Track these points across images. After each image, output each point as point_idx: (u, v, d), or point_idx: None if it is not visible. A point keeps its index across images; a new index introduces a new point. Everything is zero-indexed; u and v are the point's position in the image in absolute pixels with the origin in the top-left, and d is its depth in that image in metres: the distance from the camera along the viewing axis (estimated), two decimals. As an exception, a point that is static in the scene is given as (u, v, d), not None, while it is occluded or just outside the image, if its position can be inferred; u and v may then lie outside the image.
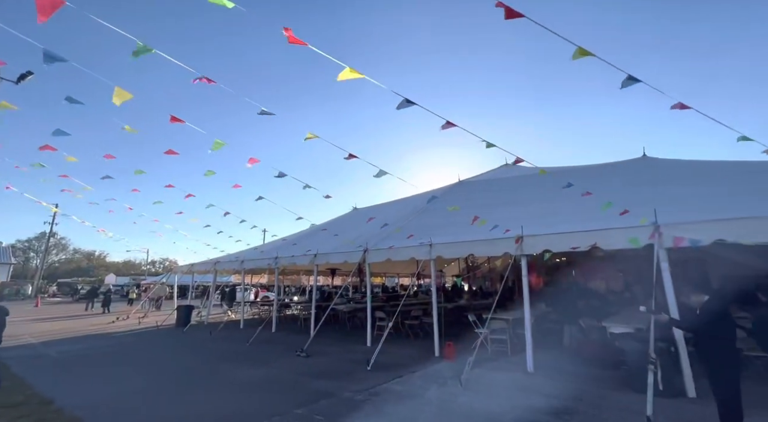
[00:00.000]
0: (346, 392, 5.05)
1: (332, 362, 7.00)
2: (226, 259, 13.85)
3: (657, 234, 5.16)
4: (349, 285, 23.50)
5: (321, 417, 4.08)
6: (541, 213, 7.72)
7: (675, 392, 4.72)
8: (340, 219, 14.91)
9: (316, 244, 10.64)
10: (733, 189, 6.47)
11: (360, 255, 9.12)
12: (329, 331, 10.91)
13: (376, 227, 9.88)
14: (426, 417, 4.12)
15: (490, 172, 13.86)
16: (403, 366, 6.58)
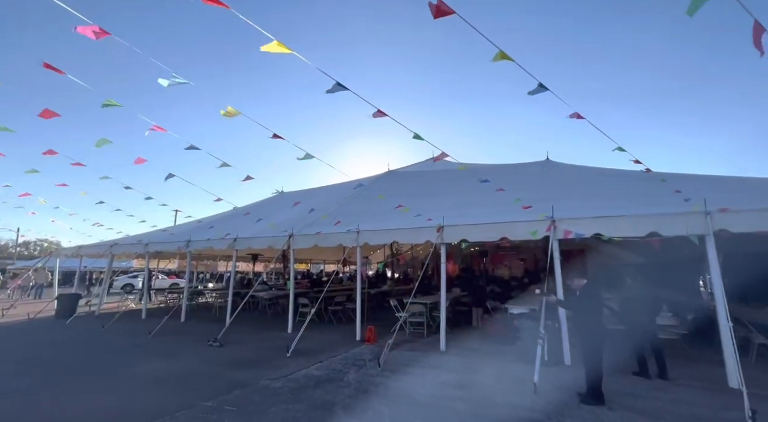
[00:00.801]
0: (263, 380, 4.89)
1: (249, 350, 6.70)
2: (126, 241, 12.17)
3: (552, 227, 5.95)
4: (272, 272, 22.61)
5: (233, 408, 3.89)
6: (461, 205, 8.31)
7: (556, 361, 5.58)
8: (264, 202, 14.13)
9: (237, 228, 9.96)
10: (614, 192, 7.71)
11: (285, 241, 8.80)
12: (248, 320, 10.39)
13: (302, 212, 9.60)
14: (343, 399, 4.21)
15: (417, 164, 14.40)
16: (324, 351, 6.59)
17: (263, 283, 15.33)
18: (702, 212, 5.02)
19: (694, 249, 5.09)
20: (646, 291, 5.32)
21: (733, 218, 4.88)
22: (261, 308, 12.32)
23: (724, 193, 5.62)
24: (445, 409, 3.95)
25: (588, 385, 4.18)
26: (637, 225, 5.43)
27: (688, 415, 3.79)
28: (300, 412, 3.82)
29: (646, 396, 4.37)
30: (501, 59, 2.93)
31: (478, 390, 4.57)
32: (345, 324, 9.40)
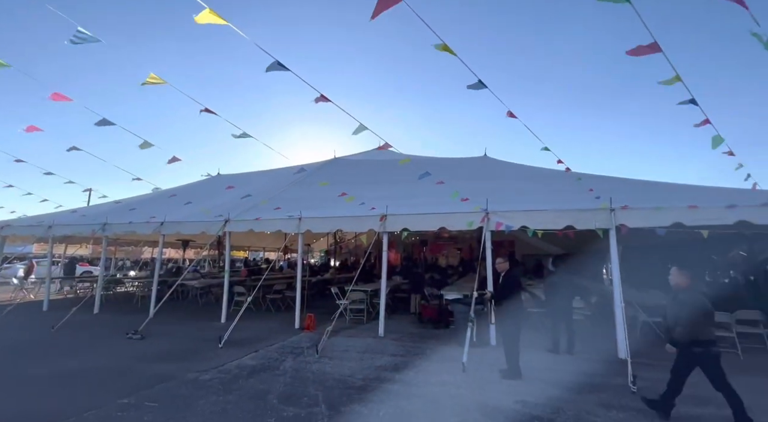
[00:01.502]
0: (191, 373, 4.61)
1: (177, 342, 6.25)
2: (22, 223, 10.46)
3: (486, 219, 6.38)
4: (205, 259, 21.19)
5: (154, 404, 3.62)
6: (403, 195, 8.50)
7: (483, 342, 6.07)
8: (196, 185, 13.07)
9: (163, 211, 9.10)
10: (542, 189, 8.46)
11: (220, 226, 8.27)
12: (176, 310, 9.66)
13: (238, 197, 9.07)
14: (278, 387, 4.15)
15: (364, 153, 14.36)
16: (260, 340, 6.40)
17: (195, 271, 14.32)
18: (607, 209, 5.75)
19: (599, 241, 5.83)
20: (566, 277, 5.98)
21: (631, 215, 5.67)
22: (192, 298, 11.52)
23: (629, 193, 6.48)
24: (379, 391, 4.09)
25: (508, 362, 4.62)
26: (556, 219, 6.04)
27: (586, 383, 4.39)
28: (231, 403, 3.68)
29: (555, 369, 4.96)
30: (443, 50, 3.01)
31: (412, 371, 4.81)
32: (284, 312, 9.19)
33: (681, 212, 5.37)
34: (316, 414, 3.47)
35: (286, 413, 3.48)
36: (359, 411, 3.55)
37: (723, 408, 3.47)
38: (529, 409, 3.66)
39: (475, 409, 3.63)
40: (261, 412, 3.49)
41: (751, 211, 5.12)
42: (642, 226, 5.60)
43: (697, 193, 6.41)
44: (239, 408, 3.57)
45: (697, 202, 5.42)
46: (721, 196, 5.67)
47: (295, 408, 3.60)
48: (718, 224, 5.19)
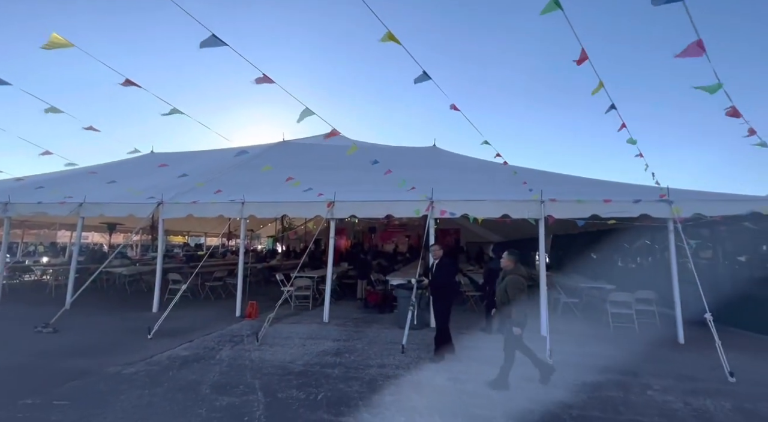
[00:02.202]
0: (112, 367, 4.25)
1: (98, 335, 5.71)
2: None
3: (431, 207, 6.60)
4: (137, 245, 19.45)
5: (65, 402, 3.29)
6: (352, 181, 8.47)
7: (423, 325, 6.36)
8: (123, 163, 11.82)
9: (82, 190, 8.13)
10: (485, 180, 8.89)
11: (152, 209, 7.61)
12: (100, 300, 8.81)
13: (174, 178, 8.39)
14: (212, 377, 4.00)
15: (314, 137, 13.98)
16: (196, 330, 6.08)
17: (124, 257, 13.09)
18: (538, 201, 6.25)
19: (533, 230, 6.34)
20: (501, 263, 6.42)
21: (558, 206, 6.21)
22: (120, 286, 10.56)
23: (557, 186, 7.07)
24: (319, 375, 4.13)
25: (440, 341, 4.85)
26: (494, 208, 6.44)
27: (512, 359, 4.82)
28: (158, 396, 3.48)
29: (485, 348, 5.36)
30: (389, 40, 3.00)
31: (353, 355, 4.90)
32: (225, 300, 8.80)
33: (598, 205, 6.01)
34: (251, 402, 3.41)
35: (219, 402, 3.38)
36: (297, 396, 3.56)
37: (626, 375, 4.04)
38: (460, 385, 3.93)
39: (409, 387, 3.82)
40: (191, 403, 3.35)
41: (651, 205, 5.89)
42: (566, 217, 6.18)
43: (613, 188, 7.19)
44: (167, 401, 3.39)
45: (611, 197, 6.09)
46: (629, 192, 6.43)
47: (229, 397, 3.51)
48: (627, 216, 5.90)
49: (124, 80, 3.22)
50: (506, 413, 3.25)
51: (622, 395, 3.63)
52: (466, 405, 3.41)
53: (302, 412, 3.22)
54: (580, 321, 6.96)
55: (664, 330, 6.15)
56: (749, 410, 3.37)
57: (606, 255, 10.01)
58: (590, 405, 3.42)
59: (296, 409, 3.28)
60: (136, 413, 3.14)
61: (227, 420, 3.07)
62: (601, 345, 5.42)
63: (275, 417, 3.11)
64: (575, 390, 3.75)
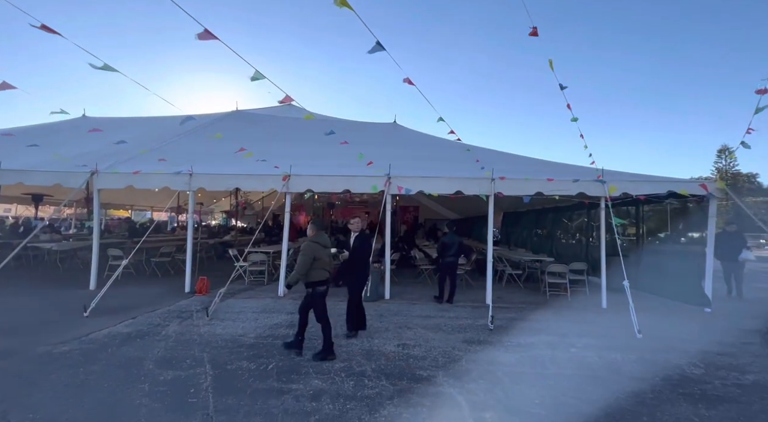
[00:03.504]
0: (42, 346, 3.96)
1: (24, 314, 5.25)
2: None
3: (388, 183, 6.65)
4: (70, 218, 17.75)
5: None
6: (309, 155, 8.26)
7: (377, 297, 6.55)
8: (47, 126, 10.53)
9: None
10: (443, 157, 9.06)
11: (84, 178, 6.92)
12: (27, 277, 8.05)
13: (110, 143, 7.65)
14: (158, 352, 3.88)
15: (269, 108, 13.31)
16: (141, 306, 5.79)
17: (54, 231, 11.91)
18: (489, 178, 6.54)
19: (485, 207, 6.66)
20: (455, 238, 6.71)
21: (506, 184, 6.55)
22: (51, 263, 9.66)
23: (507, 164, 7.42)
24: (271, 347, 4.15)
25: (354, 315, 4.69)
26: (448, 185, 6.65)
27: (457, 325, 5.16)
28: (94, 374, 3.31)
29: (435, 316, 5.69)
30: (341, 6, 2.88)
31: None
32: (174, 277, 8.42)
33: (542, 183, 6.41)
34: (199, 374, 3.38)
35: (163, 377, 3.30)
36: (247, 367, 3.57)
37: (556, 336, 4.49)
38: (407, 350, 4.16)
39: (360, 354, 3.98)
40: (133, 379, 3.24)
41: (587, 184, 6.41)
42: (514, 194, 6.55)
43: (558, 169, 7.69)
44: (105, 377, 3.25)
45: (555, 176, 6.53)
46: (571, 172, 6.92)
47: (174, 371, 3.43)
48: (567, 194, 6.37)
49: (40, 25, 2.80)
50: (448, 372, 3.52)
51: (549, 353, 4.06)
52: (412, 368, 3.64)
53: (251, 382, 3.25)
54: (521, 291, 7.56)
55: (591, 298, 6.88)
56: (649, 359, 3.94)
57: (548, 232, 10.82)
58: (521, 362, 3.79)
59: (246, 379, 3.30)
60: (67, 391, 2.98)
61: (172, 392, 3.02)
62: (537, 311, 5.96)
63: (223, 388, 3.11)
64: (512, 351, 4.13)
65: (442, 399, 3.02)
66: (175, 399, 2.91)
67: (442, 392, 3.13)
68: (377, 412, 2.80)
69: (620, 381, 3.38)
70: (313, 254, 3.88)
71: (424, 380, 3.37)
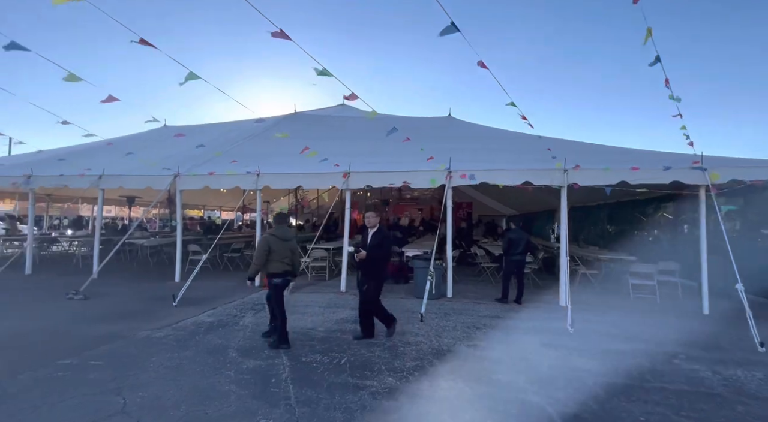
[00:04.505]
0: (142, 331, 4.42)
1: (125, 302, 5.93)
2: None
3: (449, 176, 6.43)
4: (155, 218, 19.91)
5: (100, 362, 3.44)
6: (367, 152, 8.30)
7: (440, 295, 6.38)
8: (139, 135, 11.84)
9: (101, 163, 8.20)
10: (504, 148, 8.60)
11: (169, 181, 7.64)
12: (125, 270, 9.12)
13: (190, 149, 8.36)
14: (237, 341, 4.12)
15: (326, 109, 13.69)
16: (218, 298, 6.25)
17: (143, 229, 13.43)
18: (562, 169, 6.01)
19: (546, 203, 6.16)
20: (520, 235, 6.31)
21: (582, 174, 5.98)
22: (142, 257, 10.89)
23: (581, 154, 6.78)
24: (341, 341, 4.20)
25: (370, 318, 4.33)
26: (515, 176, 6.24)
27: (531, 327, 4.82)
28: (187, 359, 3.60)
29: (504, 316, 5.38)
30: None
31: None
32: (243, 271, 8.99)
33: (625, 173, 5.74)
34: (277, 365, 3.50)
35: (245, 365, 3.48)
36: (321, 360, 3.63)
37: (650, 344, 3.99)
38: (480, 352, 3.95)
39: (430, 353, 3.86)
40: (220, 365, 3.46)
41: (683, 172, 5.60)
42: (591, 185, 5.95)
43: (641, 157, 6.86)
44: (196, 363, 3.51)
45: (638, 165, 5.81)
46: (660, 160, 6.11)
47: (255, 360, 3.60)
48: (657, 184, 5.64)
49: (139, 39, 3.08)
50: (530, 379, 3.25)
51: (647, 363, 3.58)
52: (488, 371, 3.43)
53: (327, 375, 3.29)
54: (599, 293, 6.88)
55: (686, 302, 6.04)
56: (781, 379, 3.30)
57: (624, 228, 9.76)
58: (615, 372, 3.39)
59: (321, 372, 3.35)
60: (167, 374, 3.25)
61: (255, 380, 3.16)
62: (623, 315, 5.36)
63: (301, 380, 3.19)
64: (600, 358, 3.72)
65: (528, 408, 2.78)
66: (258, 388, 3.03)
67: (528, 400, 2.89)
68: (458, 417, 2.66)
69: (747, 402, 2.86)
70: (269, 246, 3.98)
71: (504, 385, 3.15)
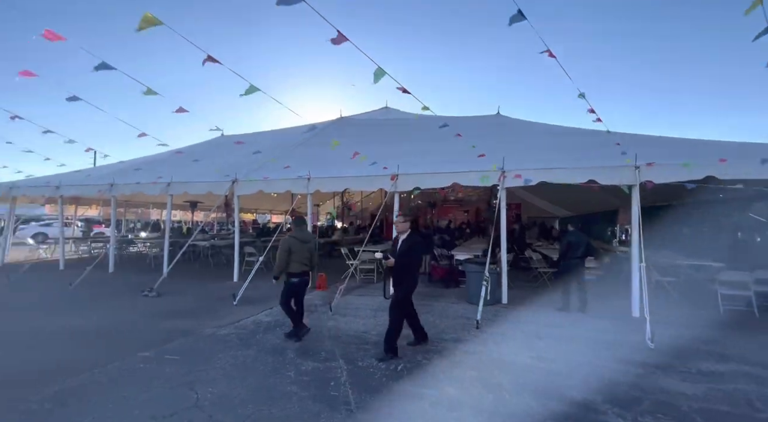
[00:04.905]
0: (208, 328, 4.69)
1: (191, 300, 6.36)
2: (29, 183, 10.39)
3: (503, 176, 6.13)
4: (214, 221, 21.37)
5: (175, 357, 3.68)
6: (413, 154, 8.20)
7: (495, 301, 6.08)
8: (202, 145, 12.78)
9: (170, 171, 8.93)
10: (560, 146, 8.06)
11: (228, 186, 8.11)
12: (188, 270, 9.82)
13: (246, 156, 8.82)
14: (295, 342, 4.20)
15: (370, 113, 13.82)
16: (273, 298, 6.42)
17: (204, 231, 14.44)
18: (632, 166, 5.46)
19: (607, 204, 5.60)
20: (580, 238, 5.85)
21: (656, 171, 5.38)
22: (202, 258, 11.69)
23: (654, 148, 6.13)
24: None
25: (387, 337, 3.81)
26: (577, 174, 5.78)
27: (602, 340, 4.39)
28: (250, 357, 3.73)
29: (568, 326, 4.97)
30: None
31: (425, 329, 4.82)
32: (294, 272, 9.29)
33: (712, 167, 5.07)
34: (334, 368, 3.51)
35: (304, 366, 3.53)
36: (377, 366, 3.58)
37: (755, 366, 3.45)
38: (546, 364, 3.67)
39: (491, 364, 3.65)
40: (280, 366, 3.54)
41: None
42: (667, 182, 5.34)
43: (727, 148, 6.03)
44: (258, 362, 3.63)
45: (726, 157, 5.10)
46: (752, 151, 5.32)
47: (313, 362, 3.64)
48: (753, 178, 4.91)
49: (206, 56, 3.27)
50: (608, 398, 2.93)
51: (754, 388, 3.08)
52: (559, 387, 3.15)
53: (385, 381, 3.22)
54: (677, 303, 6.15)
55: (793, 316, 5.18)
56: None
57: (701, 230, 8.67)
58: (714, 397, 2.95)
59: (379, 378, 3.29)
60: (233, 371, 3.39)
61: (315, 382, 3.18)
62: (713, 330, 4.71)
63: (360, 384, 3.15)
64: (691, 380, 3.27)
65: (610, 430, 2.50)
66: (318, 390, 3.05)
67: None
68: (530, 435, 2.45)
69: None
70: (289, 248, 4.25)
71: (581, 404, 2.86)
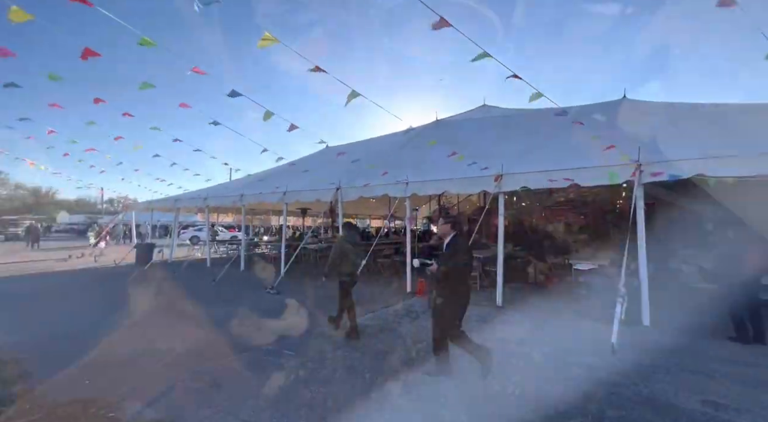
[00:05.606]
0: (318, 328, 4.98)
1: (303, 299, 6.90)
2: (187, 196, 12.92)
3: (638, 172, 5.07)
4: (321, 226, 23.39)
5: (291, 352, 3.97)
6: (518, 152, 7.48)
7: (634, 321, 5.01)
8: (310, 157, 14.10)
9: (285, 181, 10.01)
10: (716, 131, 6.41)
11: (332, 193, 8.68)
12: (300, 270, 10.81)
13: (347, 164, 9.32)
14: (397, 349, 4.12)
15: (467, 113, 13.27)
16: (375, 302, 6.60)
17: (314, 236, 15.86)
18: None
19: None
20: (749, 246, 4.42)
21: None
22: (312, 260, 12.79)
23: None
24: (508, 365, 3.68)
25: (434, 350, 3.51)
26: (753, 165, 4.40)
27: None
28: (356, 360, 3.79)
29: (746, 362, 3.77)
30: None
31: (546, 347, 4.22)
32: (392, 277, 9.39)
33: None
34: (443, 380, 3.28)
35: (412, 377, 3.39)
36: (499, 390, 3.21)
37: None
38: (725, 415, 2.77)
39: (640, 403, 2.92)
40: (386, 371, 3.48)
41: None
42: None
43: None
44: (364, 365, 3.64)
45: None
46: None
47: (419, 374, 3.48)
48: None
49: (314, 67, 3.47)
50: None
51: None
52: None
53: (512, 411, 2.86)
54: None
55: None
56: None
57: None
58: None
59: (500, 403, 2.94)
60: (341, 374, 3.46)
61: (428, 396, 3.01)
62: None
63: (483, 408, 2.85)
64: None
65: None
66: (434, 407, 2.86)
67: None
68: None
69: None
70: (341, 250, 4.61)
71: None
